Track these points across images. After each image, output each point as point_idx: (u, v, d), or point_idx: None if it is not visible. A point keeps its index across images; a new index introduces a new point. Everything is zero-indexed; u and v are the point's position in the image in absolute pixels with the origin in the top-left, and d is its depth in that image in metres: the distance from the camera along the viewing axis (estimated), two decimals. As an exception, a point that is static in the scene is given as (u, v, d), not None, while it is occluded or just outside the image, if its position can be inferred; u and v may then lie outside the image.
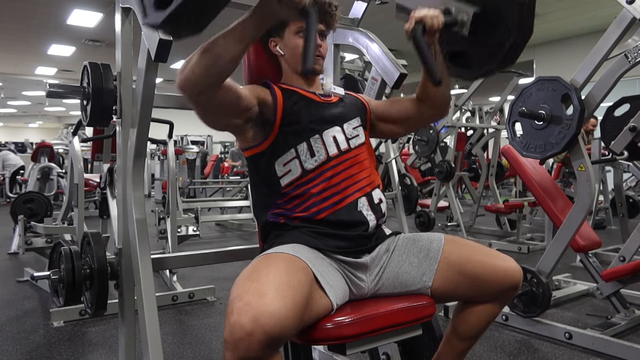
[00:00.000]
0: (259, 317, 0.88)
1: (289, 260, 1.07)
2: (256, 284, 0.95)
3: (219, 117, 1.16)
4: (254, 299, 0.91)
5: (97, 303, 1.55)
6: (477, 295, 1.23)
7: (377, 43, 1.82)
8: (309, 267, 1.09)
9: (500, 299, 1.25)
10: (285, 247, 1.15)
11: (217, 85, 1.06)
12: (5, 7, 7.31)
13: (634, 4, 1.99)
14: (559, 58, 9.23)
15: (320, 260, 1.16)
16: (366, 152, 1.34)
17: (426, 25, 1.18)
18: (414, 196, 4.90)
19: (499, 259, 1.22)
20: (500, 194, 5.79)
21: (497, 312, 1.27)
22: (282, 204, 1.25)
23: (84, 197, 3.47)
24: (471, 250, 1.23)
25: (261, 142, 1.25)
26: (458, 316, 1.31)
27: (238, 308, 0.90)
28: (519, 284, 1.23)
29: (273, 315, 0.89)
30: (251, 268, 1.03)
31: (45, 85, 1.63)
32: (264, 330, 0.87)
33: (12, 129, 23.91)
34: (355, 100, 1.42)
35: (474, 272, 1.20)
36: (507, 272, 1.20)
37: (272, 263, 1.05)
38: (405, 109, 1.41)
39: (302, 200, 1.23)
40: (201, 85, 1.03)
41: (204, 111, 1.12)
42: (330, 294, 1.10)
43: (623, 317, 2.46)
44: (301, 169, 1.24)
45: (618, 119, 3.17)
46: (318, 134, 1.27)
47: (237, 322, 0.88)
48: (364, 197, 1.26)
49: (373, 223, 1.25)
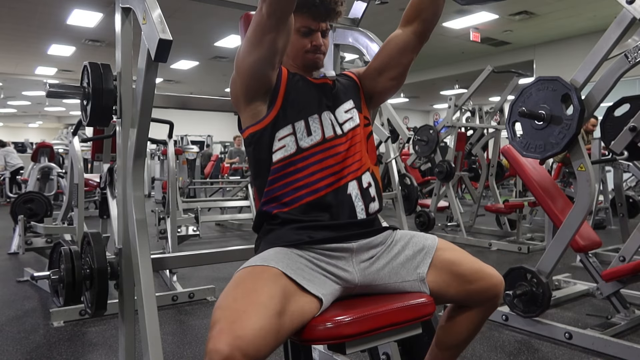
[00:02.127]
0: (233, 341, 0.90)
1: (259, 274, 1.07)
2: (227, 311, 0.97)
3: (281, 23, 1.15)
4: (226, 325, 0.93)
5: (97, 303, 1.55)
6: (464, 298, 1.25)
7: (377, 43, 1.82)
8: (282, 273, 1.08)
9: (483, 308, 1.27)
10: (258, 258, 1.15)
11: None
12: (5, 7, 7.31)
13: (634, 4, 1.99)
14: (559, 58, 9.24)
15: (297, 260, 1.15)
16: (360, 135, 1.33)
17: None
18: (414, 196, 4.90)
19: (487, 268, 1.25)
20: (500, 194, 5.79)
21: (479, 322, 1.30)
22: (273, 182, 1.24)
23: (84, 197, 3.47)
24: (462, 255, 1.27)
25: (263, 118, 1.25)
26: (441, 327, 1.34)
27: (213, 336, 0.93)
28: (500, 295, 1.26)
29: (246, 335, 0.91)
30: (224, 293, 1.05)
31: (45, 85, 1.63)
32: (241, 352, 0.90)
33: (12, 129, 23.89)
34: (347, 81, 1.41)
35: (463, 273, 1.22)
36: (491, 280, 1.23)
37: (240, 283, 1.06)
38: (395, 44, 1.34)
39: (291, 180, 1.23)
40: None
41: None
42: (312, 289, 1.09)
43: (623, 317, 2.46)
44: (296, 146, 1.24)
45: (618, 119, 3.16)
46: (317, 114, 1.27)
47: (214, 349, 0.90)
48: (355, 181, 1.27)
49: (361, 208, 1.25)
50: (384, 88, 1.40)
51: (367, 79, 1.40)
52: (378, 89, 1.40)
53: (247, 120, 1.28)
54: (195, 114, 15.14)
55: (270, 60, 1.20)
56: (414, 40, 1.33)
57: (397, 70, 1.36)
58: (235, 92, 1.28)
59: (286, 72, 1.30)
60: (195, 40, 9.23)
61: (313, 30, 1.28)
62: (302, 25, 1.27)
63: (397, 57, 1.34)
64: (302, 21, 1.27)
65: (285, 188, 1.24)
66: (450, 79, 12.23)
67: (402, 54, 1.34)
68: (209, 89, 14.42)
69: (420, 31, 1.32)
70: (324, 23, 1.29)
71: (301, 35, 1.29)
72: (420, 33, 1.32)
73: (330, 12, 1.28)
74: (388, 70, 1.36)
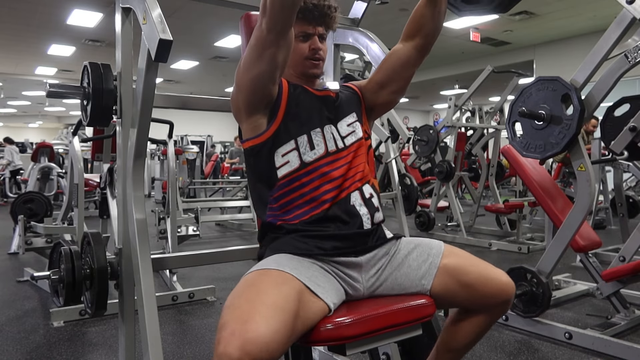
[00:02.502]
0: (244, 344, 0.88)
1: (272, 277, 1.07)
2: (239, 311, 0.95)
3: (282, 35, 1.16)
4: (238, 326, 0.91)
5: (97, 303, 1.55)
6: (471, 304, 1.25)
7: (377, 43, 1.82)
8: (295, 277, 1.08)
9: (491, 313, 1.26)
10: (269, 260, 1.14)
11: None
12: (5, 7, 7.31)
13: (634, 4, 1.99)
14: (559, 58, 9.24)
15: (309, 265, 1.16)
16: (362, 148, 1.33)
17: None
18: (414, 196, 4.90)
19: (496, 273, 1.24)
20: (500, 194, 5.79)
21: (486, 326, 1.29)
22: (278, 198, 1.24)
23: (84, 197, 3.47)
24: (469, 262, 1.25)
25: (263, 132, 1.25)
26: (448, 329, 1.33)
27: (224, 338, 0.90)
28: (511, 299, 1.25)
29: (258, 340, 0.89)
30: (234, 293, 1.03)
31: (45, 85, 1.63)
32: (251, 357, 0.88)
33: (12, 129, 23.85)
34: (350, 93, 1.42)
35: (470, 282, 1.21)
36: (500, 286, 1.22)
37: (254, 284, 1.05)
38: (397, 58, 1.36)
39: (297, 196, 1.23)
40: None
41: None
42: (323, 296, 1.10)
43: (623, 317, 2.46)
44: (300, 161, 1.24)
45: (618, 119, 3.16)
46: (319, 128, 1.27)
47: (224, 353, 0.88)
48: (357, 192, 1.27)
49: (367, 217, 1.25)
50: (385, 101, 1.43)
51: (369, 92, 1.42)
52: (379, 101, 1.42)
53: (248, 132, 1.28)
54: (195, 114, 15.12)
55: (271, 75, 1.19)
56: (415, 55, 1.35)
57: (399, 83, 1.39)
58: (236, 105, 1.27)
59: (287, 85, 1.29)
60: (195, 40, 9.23)
61: (310, 34, 1.29)
62: (299, 31, 1.27)
63: (400, 70, 1.37)
64: (298, 27, 1.26)
65: (290, 204, 1.24)
66: (450, 79, 12.23)
67: (404, 68, 1.37)
68: (209, 89, 14.42)
69: (421, 45, 1.35)
70: (320, 27, 1.29)
71: (299, 41, 1.28)
72: (422, 47, 1.35)
73: (324, 17, 1.28)
74: (390, 84, 1.39)
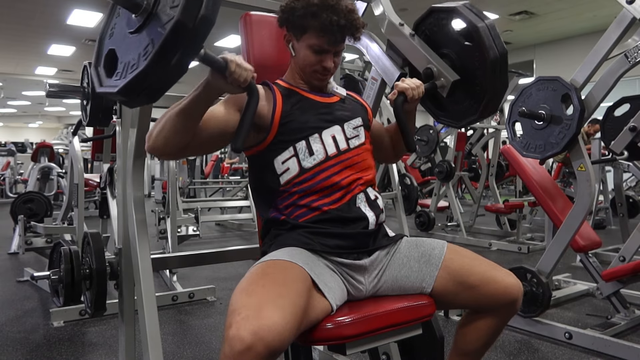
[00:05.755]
0: (258, 330, 0.89)
1: (286, 268, 1.07)
2: (253, 298, 0.96)
3: (210, 148, 1.25)
4: (252, 312, 0.92)
5: (96, 303, 1.55)
6: (475, 305, 1.24)
7: (377, 43, 1.82)
8: (306, 271, 1.09)
9: (500, 314, 1.24)
10: (281, 252, 1.15)
11: (185, 143, 1.13)
12: (5, 7, 7.32)
13: (634, 4, 2.00)
14: (559, 58, 9.24)
15: (317, 262, 1.16)
16: (365, 152, 1.34)
17: (407, 96, 1.37)
18: (414, 196, 4.90)
19: (500, 273, 1.21)
20: (500, 194, 5.79)
21: (497, 328, 1.26)
22: (282, 201, 1.25)
23: (84, 197, 3.47)
24: (473, 262, 1.23)
25: (261, 142, 1.25)
26: (458, 332, 1.32)
27: (237, 322, 0.91)
28: (518, 300, 1.22)
29: (272, 328, 0.89)
30: (248, 279, 1.04)
31: (45, 85, 1.64)
32: (264, 343, 0.88)
33: (12, 129, 23.91)
34: (357, 101, 1.43)
35: (474, 284, 1.19)
36: (507, 287, 1.20)
37: (269, 273, 1.05)
38: (380, 135, 1.50)
39: (300, 197, 1.23)
40: (170, 148, 1.12)
41: (192, 153, 1.23)
42: (329, 296, 1.10)
43: (623, 317, 2.46)
44: (299, 167, 1.24)
45: (618, 119, 3.17)
46: (317, 133, 1.26)
47: (237, 336, 0.89)
48: (362, 193, 1.27)
49: (373, 219, 1.25)
50: None
51: None
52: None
53: (248, 140, 1.27)
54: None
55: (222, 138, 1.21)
56: (391, 148, 1.54)
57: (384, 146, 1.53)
58: None
59: (280, 97, 1.27)
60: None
61: (326, 50, 1.26)
62: (316, 44, 1.25)
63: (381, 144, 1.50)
64: (317, 41, 1.24)
65: (295, 208, 1.24)
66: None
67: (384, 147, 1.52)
68: (209, 89, 14.39)
69: (396, 150, 1.54)
70: (340, 45, 1.28)
71: (312, 52, 1.26)
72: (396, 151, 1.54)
73: (352, 29, 1.26)
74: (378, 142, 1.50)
